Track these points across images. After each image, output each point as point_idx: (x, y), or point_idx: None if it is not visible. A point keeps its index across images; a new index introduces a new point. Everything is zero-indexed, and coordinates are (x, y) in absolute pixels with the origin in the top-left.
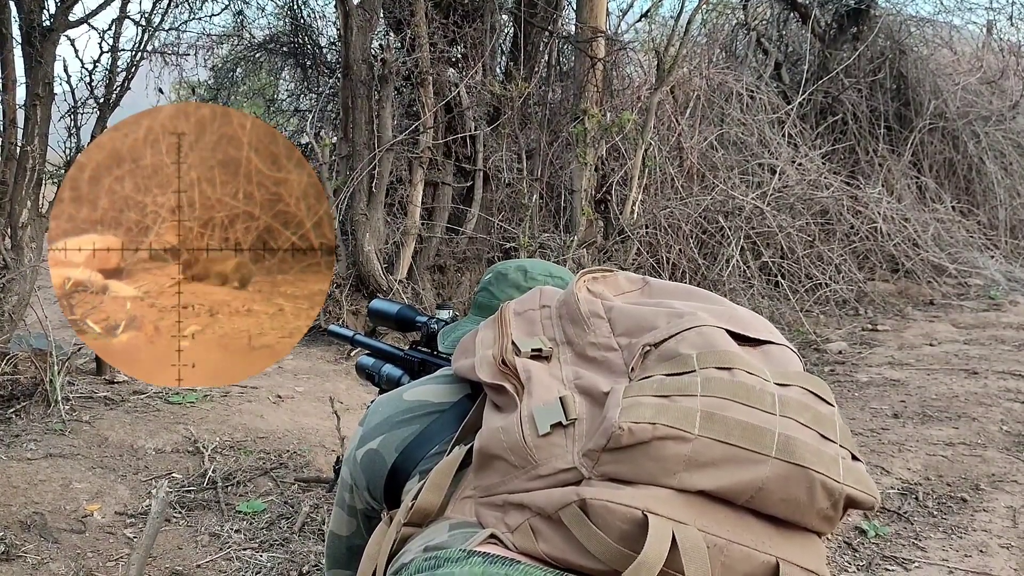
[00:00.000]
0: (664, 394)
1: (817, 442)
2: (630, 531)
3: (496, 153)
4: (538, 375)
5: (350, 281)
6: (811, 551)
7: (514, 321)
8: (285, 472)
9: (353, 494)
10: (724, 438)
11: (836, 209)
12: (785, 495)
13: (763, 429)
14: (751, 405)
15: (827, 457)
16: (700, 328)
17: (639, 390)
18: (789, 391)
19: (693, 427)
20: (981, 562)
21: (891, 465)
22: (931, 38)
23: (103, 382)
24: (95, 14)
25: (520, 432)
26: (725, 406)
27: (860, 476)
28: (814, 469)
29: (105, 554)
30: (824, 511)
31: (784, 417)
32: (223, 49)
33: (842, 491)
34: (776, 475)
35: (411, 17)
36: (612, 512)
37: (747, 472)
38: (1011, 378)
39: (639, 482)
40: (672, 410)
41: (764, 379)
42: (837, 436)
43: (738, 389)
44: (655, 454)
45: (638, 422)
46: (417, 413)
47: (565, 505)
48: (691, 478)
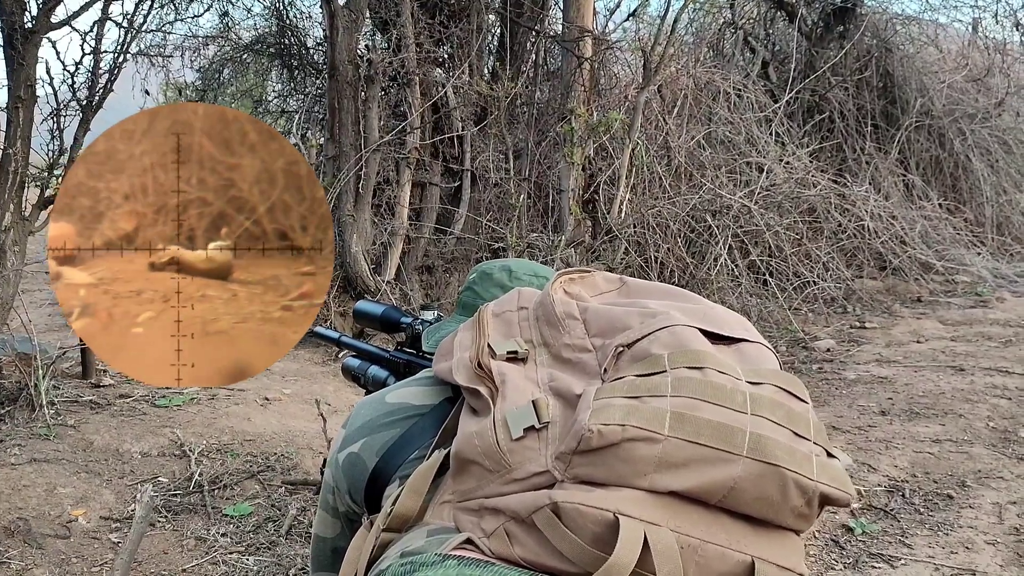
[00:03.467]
0: (635, 395)
1: (790, 440)
2: (602, 533)
3: (483, 153)
4: (512, 378)
5: (337, 282)
6: (787, 549)
7: (492, 323)
8: (272, 475)
9: (336, 497)
10: (694, 438)
11: (824, 207)
12: (758, 494)
13: (734, 428)
14: (722, 404)
15: (800, 455)
16: (673, 328)
17: (610, 392)
18: (761, 389)
19: (663, 428)
20: (967, 558)
21: (878, 462)
22: (917, 36)
23: (89, 386)
24: (77, 16)
25: (494, 436)
26: (695, 406)
27: (835, 473)
28: (786, 467)
29: (90, 559)
30: (798, 509)
31: (756, 416)
32: (210, 50)
33: (816, 489)
34: (748, 474)
35: (397, 17)
36: (584, 515)
37: (718, 472)
38: (997, 374)
39: (611, 484)
40: (642, 411)
41: (736, 378)
42: (811, 433)
43: (709, 388)
44: (625, 456)
45: (608, 424)
46: (399, 416)
47: (538, 508)
48: (662, 479)
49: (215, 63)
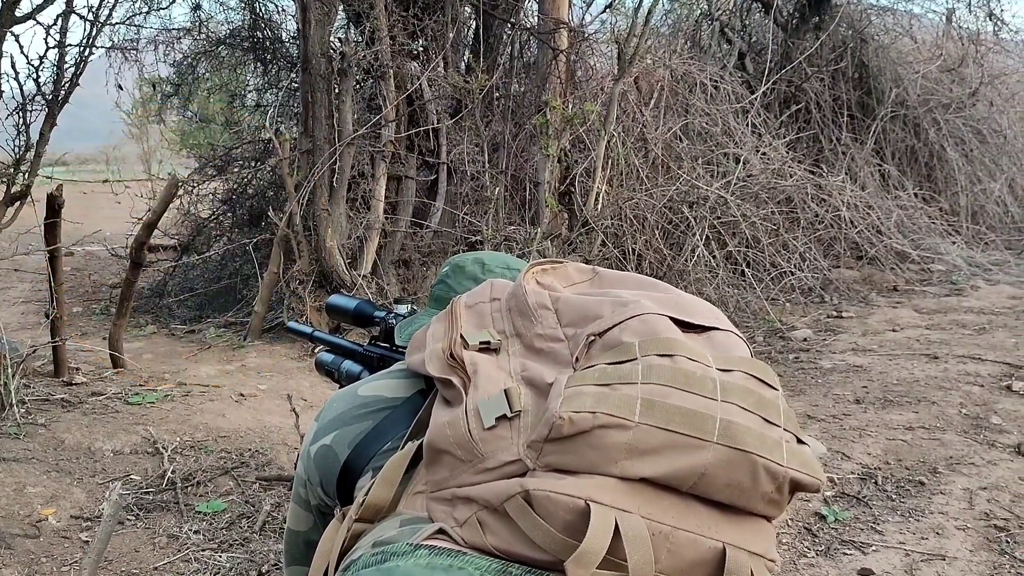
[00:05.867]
0: (605, 383)
1: (760, 426)
2: (574, 521)
3: (460, 146)
4: (484, 368)
5: (313, 277)
6: (759, 535)
7: (464, 314)
8: (247, 471)
9: (308, 490)
10: (664, 425)
11: (800, 197)
12: (729, 480)
13: (704, 415)
14: (692, 391)
15: (770, 441)
16: (644, 316)
17: (581, 380)
18: (731, 376)
19: (633, 415)
20: (937, 544)
21: (851, 450)
22: (892, 27)
23: (61, 384)
24: (42, 9)
25: (466, 426)
26: (666, 393)
27: (805, 459)
28: (757, 453)
29: (59, 559)
30: (769, 495)
31: (726, 402)
32: (184, 44)
33: (786, 475)
34: (718, 460)
35: (371, 10)
36: (555, 502)
37: (689, 458)
38: (971, 362)
39: (582, 471)
40: (612, 398)
41: (706, 365)
42: (781, 420)
43: (679, 376)
44: (596, 443)
45: (579, 411)
46: (371, 408)
47: (509, 497)
48: (633, 466)
49: (189, 57)
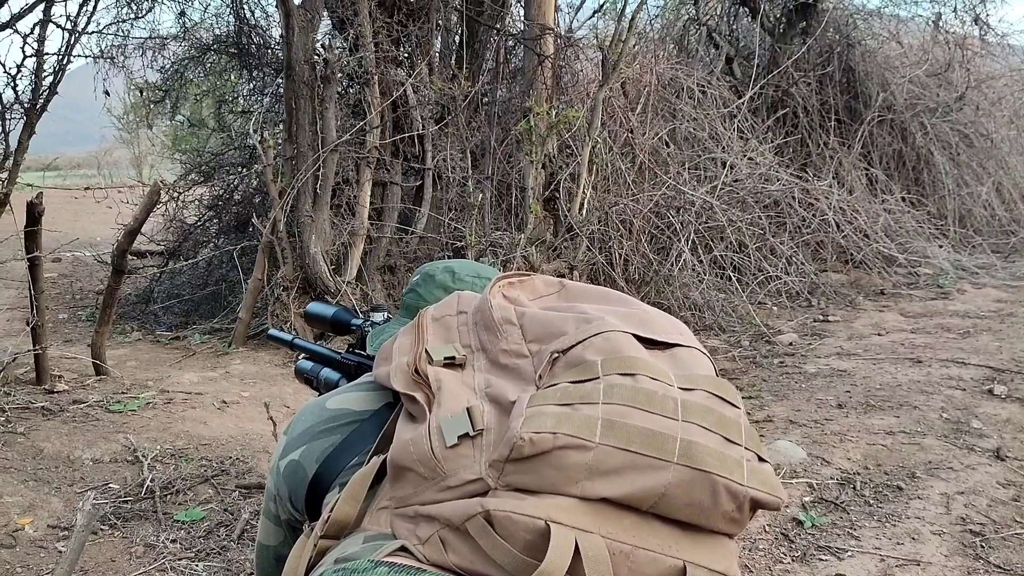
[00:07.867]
0: (567, 402)
1: (720, 446)
2: (534, 541)
3: (444, 152)
4: (448, 384)
5: (297, 284)
6: (719, 553)
7: (431, 327)
8: (227, 479)
9: (278, 505)
10: (625, 445)
11: (787, 202)
12: (689, 500)
13: (664, 435)
14: (653, 411)
15: (731, 460)
16: (607, 334)
17: (543, 399)
18: (693, 395)
19: (594, 435)
20: (913, 549)
21: (831, 455)
22: (878, 31)
23: (42, 392)
24: (20, 18)
25: (428, 444)
26: (626, 413)
27: (765, 478)
28: (717, 473)
29: (35, 569)
30: (729, 514)
31: (687, 422)
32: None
33: (746, 494)
34: (679, 480)
35: (355, 16)
36: (515, 522)
37: (649, 478)
38: (954, 366)
39: (543, 491)
40: (573, 419)
41: (668, 384)
42: (743, 439)
43: (640, 395)
44: (557, 463)
45: (539, 432)
46: (339, 422)
47: (471, 516)
48: (593, 486)
49: (175, 64)
